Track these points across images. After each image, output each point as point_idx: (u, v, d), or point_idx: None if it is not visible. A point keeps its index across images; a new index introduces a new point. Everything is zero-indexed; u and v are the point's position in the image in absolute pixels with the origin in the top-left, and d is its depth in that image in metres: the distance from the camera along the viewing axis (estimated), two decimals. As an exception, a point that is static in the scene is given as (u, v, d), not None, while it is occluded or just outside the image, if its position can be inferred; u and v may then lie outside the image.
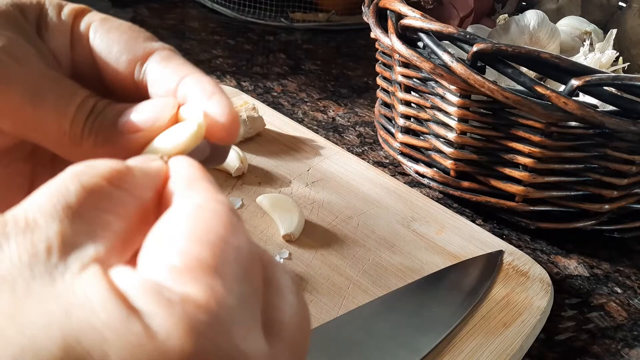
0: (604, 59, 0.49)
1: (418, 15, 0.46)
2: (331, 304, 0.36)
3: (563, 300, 0.42)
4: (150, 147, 0.19)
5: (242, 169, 0.48)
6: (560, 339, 0.39)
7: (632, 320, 0.41)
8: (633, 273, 0.46)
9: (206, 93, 0.20)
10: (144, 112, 0.20)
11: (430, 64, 0.45)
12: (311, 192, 0.47)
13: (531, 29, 0.51)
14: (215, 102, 0.20)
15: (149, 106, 0.20)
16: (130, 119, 0.20)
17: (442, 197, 0.53)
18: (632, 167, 0.44)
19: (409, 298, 0.37)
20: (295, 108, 0.67)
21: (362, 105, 0.70)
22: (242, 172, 0.48)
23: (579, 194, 0.47)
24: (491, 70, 0.44)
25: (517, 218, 0.49)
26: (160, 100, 0.20)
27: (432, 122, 0.50)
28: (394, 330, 0.34)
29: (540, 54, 0.40)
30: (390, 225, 0.44)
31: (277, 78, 0.74)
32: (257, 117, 0.53)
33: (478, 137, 0.47)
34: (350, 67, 0.81)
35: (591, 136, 0.43)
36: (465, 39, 0.43)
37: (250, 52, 0.82)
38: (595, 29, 0.57)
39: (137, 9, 0.91)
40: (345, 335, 0.34)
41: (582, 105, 0.39)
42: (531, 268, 0.41)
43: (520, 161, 0.45)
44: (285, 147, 0.53)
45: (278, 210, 0.43)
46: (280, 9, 0.95)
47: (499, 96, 0.42)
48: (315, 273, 0.39)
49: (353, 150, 0.59)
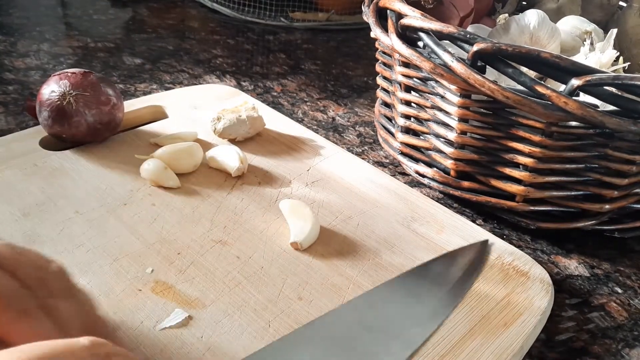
0: (604, 59, 0.49)
1: (418, 15, 0.46)
2: (331, 304, 0.36)
3: (563, 300, 0.42)
4: None
5: (242, 169, 0.48)
6: (561, 339, 0.39)
7: (632, 320, 0.41)
8: (633, 273, 0.46)
9: None
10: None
11: (431, 63, 0.45)
12: (311, 192, 0.47)
13: (531, 29, 0.51)
14: None
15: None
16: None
17: (442, 197, 0.53)
18: (633, 167, 0.44)
19: (398, 290, 0.37)
20: (295, 108, 0.66)
21: (362, 105, 0.69)
22: (242, 172, 0.48)
23: (580, 194, 0.47)
24: (491, 70, 0.44)
25: (517, 218, 0.49)
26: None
27: (432, 122, 0.50)
28: (386, 323, 0.34)
29: (540, 53, 0.40)
30: (390, 225, 0.44)
31: (276, 78, 0.74)
32: (257, 116, 0.53)
33: (478, 137, 0.47)
34: (350, 67, 0.81)
35: (591, 136, 0.43)
36: (465, 39, 0.43)
37: (250, 52, 0.82)
38: (596, 29, 0.57)
39: (136, 9, 0.91)
40: (338, 329, 0.34)
41: (582, 105, 0.39)
42: (531, 268, 0.41)
43: (520, 161, 0.45)
44: (285, 147, 0.53)
45: (294, 217, 0.42)
46: (280, 8, 0.95)
47: (499, 96, 0.41)
48: (315, 273, 0.38)
49: (353, 150, 0.59)
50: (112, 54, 0.74)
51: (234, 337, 0.33)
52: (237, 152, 0.48)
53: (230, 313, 0.34)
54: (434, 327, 0.34)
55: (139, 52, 0.75)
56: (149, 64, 0.72)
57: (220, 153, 0.48)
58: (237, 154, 0.48)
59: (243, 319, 0.34)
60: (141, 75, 0.69)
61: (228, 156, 0.48)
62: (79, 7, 0.89)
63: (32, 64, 0.68)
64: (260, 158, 0.51)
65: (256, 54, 0.81)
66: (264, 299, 0.36)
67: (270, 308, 0.35)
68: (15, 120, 0.56)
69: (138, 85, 0.66)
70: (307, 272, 0.39)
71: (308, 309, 0.36)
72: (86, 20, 0.84)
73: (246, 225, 0.42)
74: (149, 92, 0.65)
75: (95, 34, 0.79)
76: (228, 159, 0.48)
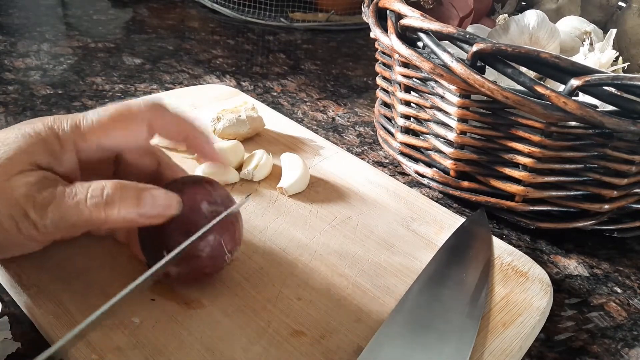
0: (603, 59, 0.49)
1: (418, 15, 0.46)
2: (330, 304, 0.36)
3: (563, 300, 0.42)
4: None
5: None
6: (560, 339, 0.39)
7: (631, 320, 0.41)
8: (633, 273, 0.46)
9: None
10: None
11: (430, 63, 0.45)
12: (310, 192, 0.47)
13: (531, 29, 0.51)
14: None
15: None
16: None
17: (442, 197, 0.53)
18: (632, 167, 0.44)
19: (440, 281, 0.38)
20: (294, 108, 0.67)
21: (361, 105, 0.69)
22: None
23: (579, 193, 0.47)
24: (491, 70, 0.44)
25: (516, 218, 0.49)
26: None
27: (432, 122, 0.50)
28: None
29: (540, 53, 0.40)
30: (390, 226, 0.44)
31: (276, 78, 0.74)
32: (257, 117, 0.53)
33: (478, 137, 0.47)
34: (350, 67, 0.81)
35: (591, 136, 0.43)
36: (465, 39, 0.43)
37: (250, 52, 0.82)
38: (595, 29, 0.57)
39: (136, 9, 0.91)
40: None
41: (581, 105, 0.39)
42: (530, 268, 0.41)
43: (520, 161, 0.45)
44: (285, 147, 0.53)
45: (287, 167, 0.48)
46: (280, 9, 0.95)
47: (498, 96, 0.42)
48: (314, 273, 0.38)
49: (353, 150, 0.59)
50: (112, 54, 0.74)
51: (233, 337, 0.33)
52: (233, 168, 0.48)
53: (230, 313, 0.34)
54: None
55: (139, 52, 0.75)
56: (149, 64, 0.72)
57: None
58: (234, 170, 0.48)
59: (242, 319, 0.34)
60: (141, 76, 0.69)
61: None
62: (79, 7, 0.89)
63: (32, 64, 0.68)
64: (259, 158, 0.51)
65: (256, 54, 0.81)
66: (263, 299, 0.36)
67: (269, 308, 0.35)
68: (16, 120, 0.56)
69: (138, 86, 0.66)
70: (306, 272, 0.39)
71: (307, 309, 0.36)
72: (86, 20, 0.84)
73: (246, 225, 0.42)
74: (149, 92, 0.65)
75: (95, 34, 0.79)
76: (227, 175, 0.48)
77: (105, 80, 0.66)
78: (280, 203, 0.45)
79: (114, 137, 0.33)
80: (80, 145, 0.32)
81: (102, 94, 0.63)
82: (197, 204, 0.33)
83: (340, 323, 0.35)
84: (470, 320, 0.35)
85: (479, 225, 0.45)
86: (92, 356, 0.30)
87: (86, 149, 0.32)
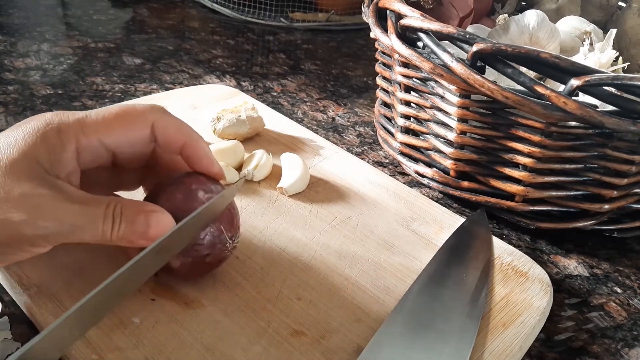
0: (603, 59, 0.49)
1: (418, 15, 0.46)
2: (330, 304, 0.36)
3: (563, 300, 0.42)
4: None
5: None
6: (560, 339, 0.39)
7: (631, 320, 0.41)
8: (633, 273, 0.46)
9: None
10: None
11: (430, 63, 0.45)
12: (310, 192, 0.47)
13: (531, 29, 0.51)
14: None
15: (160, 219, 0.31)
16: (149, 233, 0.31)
17: (442, 197, 0.53)
18: (632, 167, 0.44)
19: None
20: (294, 108, 0.67)
21: (361, 105, 0.69)
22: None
23: (579, 193, 0.47)
24: (491, 70, 0.44)
25: (516, 218, 0.49)
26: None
27: (432, 122, 0.50)
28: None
29: (540, 53, 0.40)
30: (390, 226, 0.44)
31: (276, 78, 0.74)
32: (257, 117, 0.53)
33: (478, 137, 0.47)
34: (350, 67, 0.81)
35: (591, 136, 0.43)
36: (465, 39, 0.43)
37: (250, 52, 0.82)
38: (595, 29, 0.57)
39: (136, 9, 0.91)
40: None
41: (581, 105, 0.39)
42: (530, 268, 0.41)
43: (520, 161, 0.45)
44: (285, 147, 0.53)
45: (288, 168, 0.48)
46: (280, 9, 0.95)
47: (498, 96, 0.42)
48: (314, 273, 0.38)
49: (353, 150, 0.59)
50: (112, 54, 0.74)
51: (233, 337, 0.33)
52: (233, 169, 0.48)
53: (230, 313, 0.34)
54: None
55: (139, 52, 0.75)
56: (149, 64, 0.72)
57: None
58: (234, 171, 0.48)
59: (242, 319, 0.34)
60: (141, 76, 0.69)
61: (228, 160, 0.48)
62: (79, 7, 0.89)
63: (32, 64, 0.68)
64: (259, 158, 0.51)
65: (256, 54, 0.81)
66: (263, 299, 0.36)
67: (269, 308, 0.35)
68: (16, 120, 0.56)
69: (138, 86, 0.66)
70: (306, 272, 0.39)
71: (307, 309, 0.36)
72: (86, 20, 0.84)
73: (245, 225, 0.42)
74: (149, 92, 0.65)
75: (95, 34, 0.79)
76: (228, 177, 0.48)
77: (105, 80, 0.66)
78: (280, 203, 0.45)
79: (117, 135, 0.33)
80: (81, 141, 0.31)
81: (102, 94, 0.63)
82: (194, 192, 0.33)
83: (340, 323, 0.35)
84: (470, 320, 0.35)
85: (479, 225, 0.45)
86: (92, 356, 0.30)
87: (87, 145, 0.32)
